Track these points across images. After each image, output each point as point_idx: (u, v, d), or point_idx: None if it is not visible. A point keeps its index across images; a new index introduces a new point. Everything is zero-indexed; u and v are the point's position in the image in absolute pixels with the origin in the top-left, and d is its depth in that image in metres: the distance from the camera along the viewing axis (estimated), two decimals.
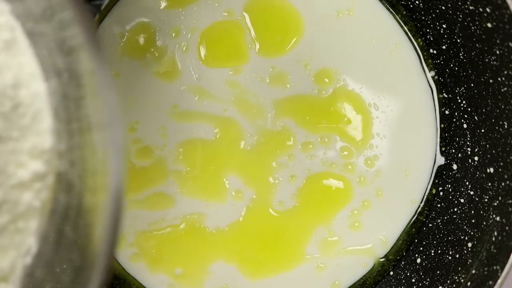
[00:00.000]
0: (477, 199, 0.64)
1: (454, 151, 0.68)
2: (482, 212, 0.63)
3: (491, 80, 0.62)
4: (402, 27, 0.70)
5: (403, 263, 0.68)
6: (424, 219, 0.68)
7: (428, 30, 0.67)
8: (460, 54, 0.65)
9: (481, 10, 0.61)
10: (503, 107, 0.61)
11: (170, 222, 0.67)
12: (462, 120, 0.67)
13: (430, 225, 0.67)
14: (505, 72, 0.60)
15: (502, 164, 0.61)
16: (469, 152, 0.65)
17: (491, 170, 0.63)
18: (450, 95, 0.68)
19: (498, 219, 0.61)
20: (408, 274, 0.67)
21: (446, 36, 0.66)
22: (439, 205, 0.67)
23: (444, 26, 0.66)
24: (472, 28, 0.62)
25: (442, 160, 0.69)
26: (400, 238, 0.69)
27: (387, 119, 0.69)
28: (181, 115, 0.68)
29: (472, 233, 0.63)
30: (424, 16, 0.67)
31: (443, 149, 0.69)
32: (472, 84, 0.65)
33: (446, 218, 0.66)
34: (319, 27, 0.69)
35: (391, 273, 0.68)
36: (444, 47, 0.67)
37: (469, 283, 0.60)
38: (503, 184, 0.61)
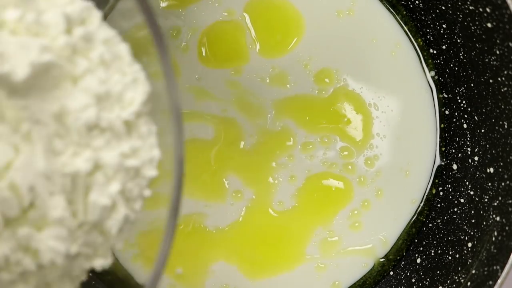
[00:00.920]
0: (477, 199, 0.64)
1: (454, 151, 0.68)
2: (482, 212, 0.63)
3: (491, 80, 0.62)
4: (402, 27, 0.70)
5: (403, 263, 0.68)
6: (424, 219, 0.68)
7: (428, 30, 0.67)
8: (460, 54, 0.65)
9: (481, 10, 0.61)
10: (503, 107, 0.61)
11: None
12: (462, 120, 0.67)
13: (430, 225, 0.67)
14: (505, 72, 0.60)
15: (502, 164, 0.61)
16: (469, 152, 0.65)
17: (491, 170, 0.63)
18: (450, 95, 0.68)
19: (498, 219, 0.61)
20: (408, 274, 0.67)
21: (446, 36, 0.66)
22: (439, 205, 0.67)
23: (444, 26, 0.66)
24: (472, 28, 0.63)
25: (442, 160, 0.69)
26: (400, 238, 0.69)
27: (387, 119, 0.69)
28: None
29: (472, 233, 0.63)
30: (424, 16, 0.67)
31: (443, 149, 0.69)
32: (472, 84, 0.65)
33: (446, 218, 0.66)
34: (319, 27, 0.69)
35: (391, 273, 0.68)
36: (444, 47, 0.67)
37: (469, 283, 0.60)
38: (503, 184, 0.61)
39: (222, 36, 0.68)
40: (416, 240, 0.68)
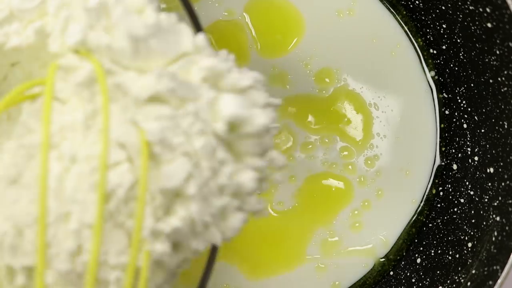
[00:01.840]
0: (477, 199, 0.64)
1: (454, 151, 0.68)
2: (482, 212, 0.63)
3: (491, 80, 0.62)
4: (402, 27, 0.70)
5: (403, 263, 0.68)
6: (424, 219, 0.68)
7: (428, 30, 0.67)
8: (460, 54, 0.65)
9: (481, 10, 0.61)
10: (503, 107, 0.61)
11: None
12: (462, 120, 0.67)
13: (430, 225, 0.67)
14: (505, 72, 0.60)
15: (502, 164, 0.61)
16: (469, 152, 0.65)
17: (491, 170, 0.63)
18: (450, 95, 0.68)
19: (498, 219, 0.60)
20: (408, 274, 0.66)
21: (446, 36, 0.66)
22: (439, 205, 0.67)
23: (444, 26, 0.66)
24: (472, 28, 0.63)
25: (442, 160, 0.69)
26: (400, 238, 0.69)
27: (387, 119, 0.69)
28: None
29: (472, 233, 0.63)
30: (424, 16, 0.67)
31: (443, 149, 0.69)
32: (472, 84, 0.65)
33: (446, 218, 0.66)
34: (320, 27, 0.69)
35: (391, 273, 0.68)
36: (444, 47, 0.67)
37: (469, 283, 0.60)
38: (503, 184, 0.61)
39: (222, 36, 0.68)
40: (416, 240, 0.68)
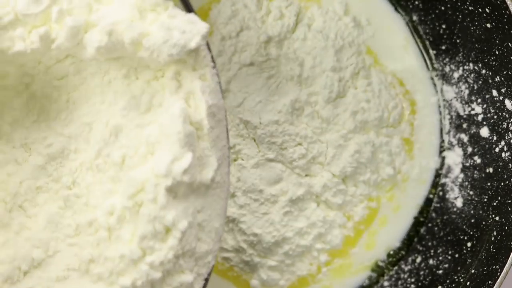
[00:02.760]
0: (476, 199, 0.64)
1: (454, 151, 0.68)
2: (481, 212, 0.63)
3: (490, 80, 0.62)
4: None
5: (403, 263, 0.68)
6: (424, 219, 0.68)
7: (428, 30, 0.67)
8: (460, 54, 0.65)
9: (480, 10, 0.61)
10: (502, 107, 0.61)
11: None
12: (462, 120, 0.67)
13: (430, 225, 0.67)
14: (504, 72, 0.61)
15: (501, 164, 0.61)
16: (469, 152, 0.66)
17: (491, 170, 0.63)
18: (450, 95, 0.68)
19: (497, 218, 0.61)
20: (408, 274, 0.67)
21: (446, 36, 0.66)
22: (439, 205, 0.67)
23: (444, 26, 0.66)
24: (472, 28, 0.63)
25: (443, 160, 0.68)
26: (400, 238, 0.69)
27: None
28: None
29: (471, 233, 0.63)
30: (424, 16, 0.67)
31: (443, 149, 0.69)
32: (472, 85, 0.65)
33: (446, 218, 0.66)
34: None
35: (391, 273, 0.68)
36: (444, 47, 0.67)
37: (468, 283, 0.60)
38: (502, 184, 0.61)
39: None
40: (416, 240, 0.68)
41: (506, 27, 0.58)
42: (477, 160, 0.65)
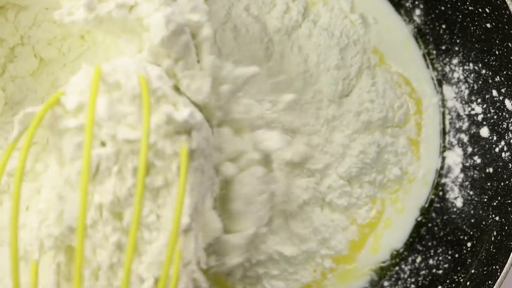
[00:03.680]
0: (476, 199, 0.64)
1: (454, 151, 0.68)
2: (481, 212, 0.63)
3: (490, 80, 0.62)
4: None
5: (403, 263, 0.68)
6: (424, 219, 0.68)
7: (428, 30, 0.67)
8: (460, 54, 0.65)
9: (480, 10, 0.61)
10: (502, 107, 0.61)
11: None
12: (462, 120, 0.67)
13: (430, 225, 0.67)
14: (504, 72, 0.61)
15: (501, 164, 0.61)
16: (469, 152, 0.66)
17: (491, 170, 0.63)
18: (450, 95, 0.68)
19: (497, 218, 0.61)
20: (408, 274, 0.67)
21: (446, 36, 0.66)
22: (439, 205, 0.67)
23: (444, 26, 0.66)
24: (472, 28, 0.63)
25: (443, 160, 0.68)
26: (404, 239, 0.68)
27: None
28: None
29: (471, 233, 0.63)
30: (424, 16, 0.67)
31: (444, 149, 0.69)
32: (472, 85, 0.65)
33: (446, 218, 0.66)
34: None
35: (391, 273, 0.68)
36: (444, 47, 0.67)
37: (468, 283, 0.60)
38: (502, 184, 0.61)
39: None
40: (416, 240, 0.68)
41: (506, 27, 0.58)
42: (477, 160, 0.65)
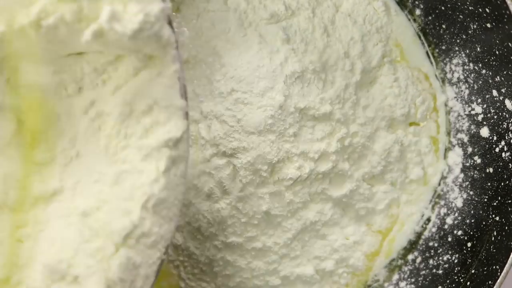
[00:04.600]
0: (476, 199, 0.64)
1: (454, 151, 0.68)
2: (481, 212, 0.63)
3: (490, 80, 0.62)
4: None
5: (403, 263, 0.68)
6: (424, 220, 0.68)
7: (428, 30, 0.68)
8: (460, 54, 0.65)
9: (480, 10, 0.61)
10: (502, 106, 0.61)
11: None
12: (462, 120, 0.67)
13: (430, 225, 0.67)
14: (504, 72, 0.61)
15: (501, 164, 0.62)
16: (469, 152, 0.66)
17: (491, 170, 0.63)
18: (450, 95, 0.68)
19: (497, 218, 0.61)
20: (408, 274, 0.67)
21: (446, 36, 0.66)
22: (439, 205, 0.68)
23: (444, 26, 0.66)
24: (472, 28, 0.63)
25: (443, 161, 0.68)
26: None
27: None
28: None
29: (471, 233, 0.63)
30: (424, 16, 0.67)
31: (444, 149, 0.69)
32: (472, 85, 0.65)
33: (446, 218, 0.66)
34: None
35: (392, 273, 0.68)
36: (444, 47, 0.67)
37: (468, 283, 0.60)
38: (502, 184, 0.61)
39: None
40: (416, 240, 0.68)
41: (506, 27, 0.58)
42: (477, 160, 0.65)
